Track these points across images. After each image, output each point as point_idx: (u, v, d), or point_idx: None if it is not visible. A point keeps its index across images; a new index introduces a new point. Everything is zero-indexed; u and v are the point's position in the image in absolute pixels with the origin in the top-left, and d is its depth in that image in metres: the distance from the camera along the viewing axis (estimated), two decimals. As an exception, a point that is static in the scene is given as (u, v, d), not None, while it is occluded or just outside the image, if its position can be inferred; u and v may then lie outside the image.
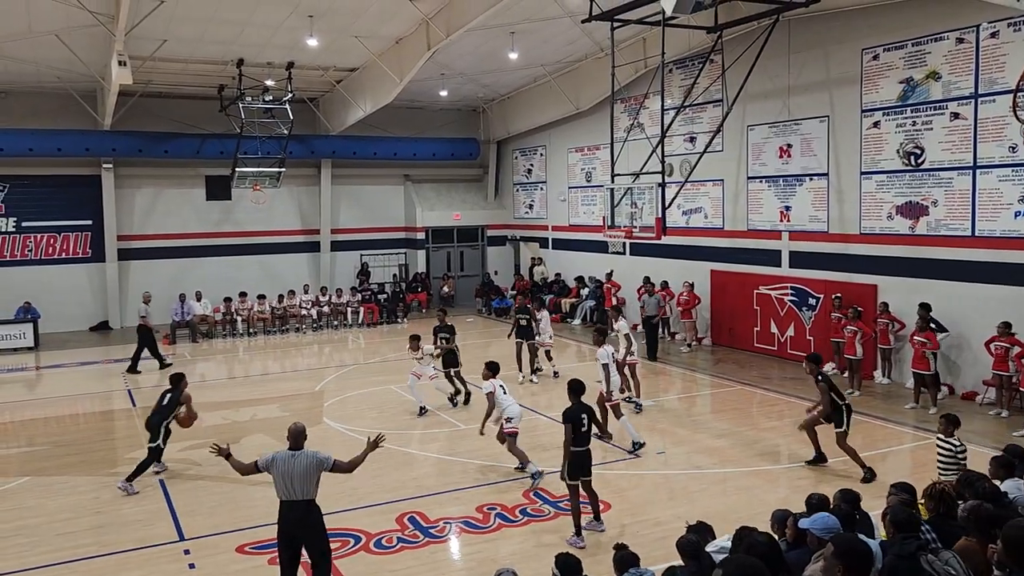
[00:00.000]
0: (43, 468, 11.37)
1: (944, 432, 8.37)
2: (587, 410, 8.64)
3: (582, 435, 8.46)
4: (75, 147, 22.31)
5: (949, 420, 8.39)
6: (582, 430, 8.45)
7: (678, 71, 19.99)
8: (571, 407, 8.56)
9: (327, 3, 16.56)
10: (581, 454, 8.47)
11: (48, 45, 17.69)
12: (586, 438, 8.51)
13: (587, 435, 8.53)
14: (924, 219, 14.79)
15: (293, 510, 6.80)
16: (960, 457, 8.13)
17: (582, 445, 8.48)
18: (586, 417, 8.52)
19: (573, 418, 8.42)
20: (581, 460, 8.46)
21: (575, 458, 8.41)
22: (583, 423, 8.46)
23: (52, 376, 18.19)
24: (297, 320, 23.43)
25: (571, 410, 8.51)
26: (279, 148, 22.76)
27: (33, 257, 23.03)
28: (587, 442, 8.53)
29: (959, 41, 14.00)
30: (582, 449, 8.48)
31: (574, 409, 8.53)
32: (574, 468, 8.42)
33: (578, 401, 8.67)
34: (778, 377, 16.13)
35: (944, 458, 8.25)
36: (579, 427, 8.43)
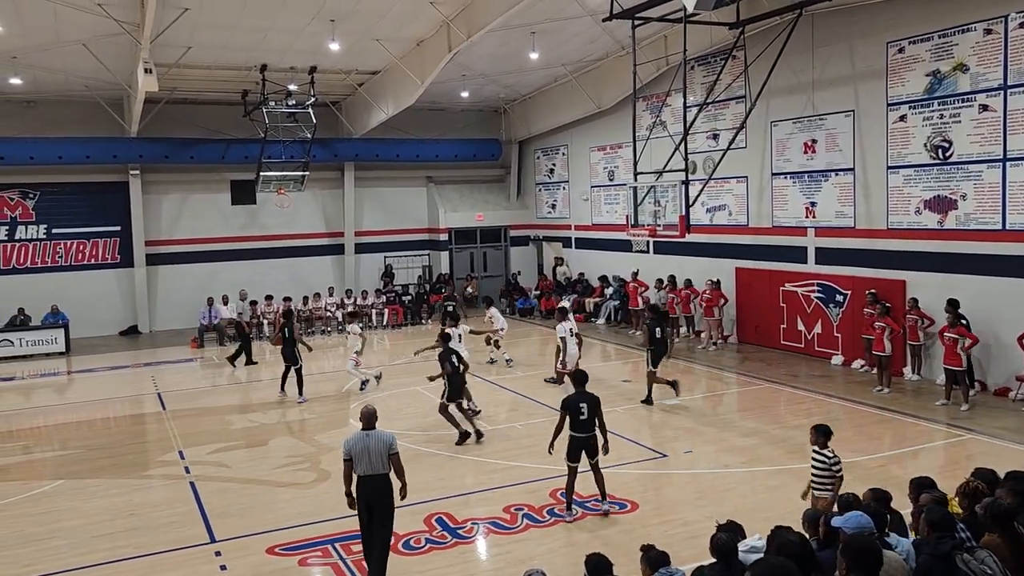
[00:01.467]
0: (76, 471, 11.55)
1: (816, 443, 7.79)
2: (589, 399, 9.10)
3: (581, 423, 9.02)
4: (103, 154, 22.65)
5: (820, 431, 7.80)
6: (581, 418, 9.01)
7: (700, 68, 19.88)
8: (571, 395, 9.22)
9: (349, 7, 16.66)
10: (580, 440, 9.04)
11: (75, 54, 17.98)
12: (586, 425, 9.03)
13: (587, 423, 9.03)
14: (953, 213, 14.59)
15: (371, 483, 7.49)
16: (835, 470, 7.61)
17: (581, 432, 9.03)
18: (585, 406, 9.03)
19: (570, 406, 9.06)
20: (580, 445, 9.05)
21: (572, 442, 9.05)
22: (582, 411, 9.01)
23: (84, 380, 18.48)
24: (322, 322, 23.59)
25: (570, 398, 9.16)
26: (303, 152, 22.93)
27: (63, 263, 23.41)
28: (588, 429, 9.04)
29: (987, 32, 13.79)
30: (581, 435, 9.04)
31: (573, 397, 9.14)
32: (571, 452, 9.07)
33: (580, 391, 9.23)
34: (805, 375, 15.99)
35: (818, 471, 7.70)
36: (577, 415, 9.01)
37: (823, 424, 7.87)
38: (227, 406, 15.31)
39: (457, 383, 12.30)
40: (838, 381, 15.43)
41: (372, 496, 7.49)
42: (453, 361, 12.28)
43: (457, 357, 12.51)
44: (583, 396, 9.18)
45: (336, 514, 9.35)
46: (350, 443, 7.56)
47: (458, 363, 12.40)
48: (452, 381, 12.17)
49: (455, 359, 12.38)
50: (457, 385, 12.29)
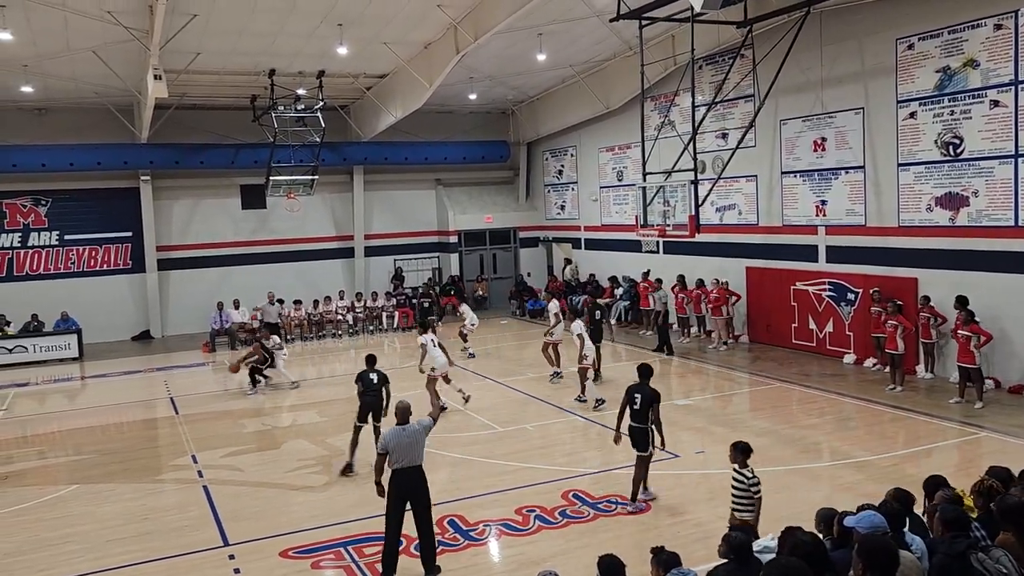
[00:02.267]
0: (91, 476, 11.61)
1: (735, 462, 7.43)
2: (644, 392, 9.29)
3: (634, 412, 9.27)
4: (114, 160, 22.81)
5: (738, 449, 7.44)
6: (633, 407, 9.28)
7: (708, 67, 19.83)
8: (633, 384, 9.47)
9: (356, 11, 16.72)
10: (632, 429, 9.32)
11: (86, 62, 18.10)
12: (638, 416, 9.25)
13: (639, 413, 9.24)
14: (965, 210, 14.49)
15: (409, 476, 7.69)
16: (754, 491, 7.28)
17: (633, 421, 9.32)
18: (639, 397, 9.24)
19: (629, 394, 9.37)
20: (632, 435, 9.32)
21: (629, 432, 9.35)
22: (635, 401, 9.26)
23: (97, 386, 18.58)
24: (333, 325, 23.66)
25: (632, 386, 9.45)
26: (312, 156, 23.01)
27: (76, 269, 23.57)
28: (639, 420, 9.27)
29: (997, 27, 13.70)
30: (633, 425, 9.32)
31: (634, 387, 9.42)
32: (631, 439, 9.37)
33: (643, 383, 9.42)
34: (817, 374, 15.92)
35: (737, 491, 7.37)
36: (631, 404, 9.29)
37: (741, 441, 7.51)
38: (239, 410, 15.37)
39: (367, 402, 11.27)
40: (850, 380, 15.35)
41: (410, 487, 7.69)
42: (371, 380, 11.32)
43: (380, 377, 11.39)
44: (640, 388, 9.41)
45: (349, 517, 9.40)
46: (388, 437, 7.74)
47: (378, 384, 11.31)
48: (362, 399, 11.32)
49: (374, 378, 11.35)
50: (367, 404, 11.26)
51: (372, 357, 11.77)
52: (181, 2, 14.64)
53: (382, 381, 11.35)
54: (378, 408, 11.28)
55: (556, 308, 16.72)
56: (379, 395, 11.26)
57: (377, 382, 11.30)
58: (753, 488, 7.28)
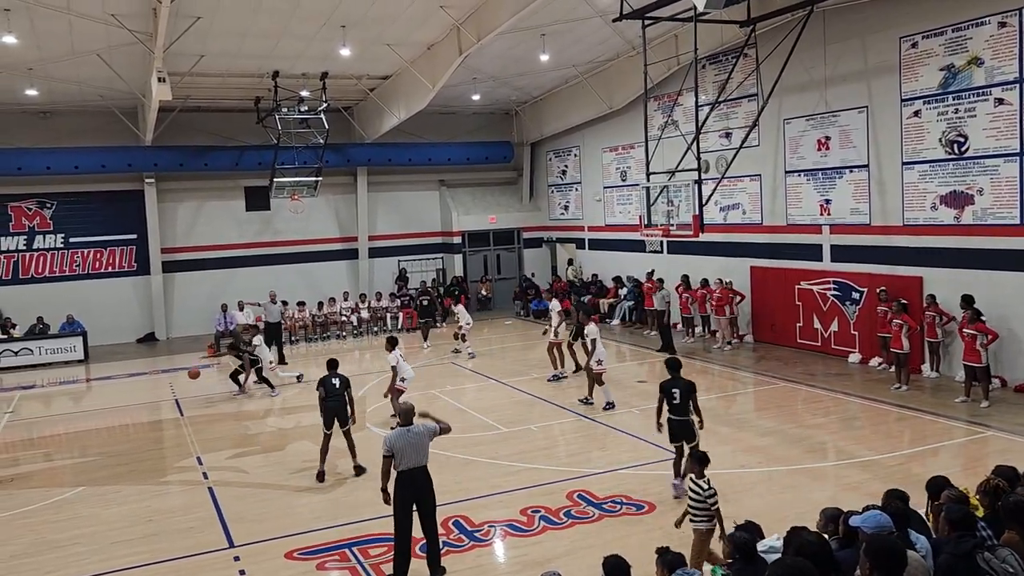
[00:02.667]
0: (96, 478, 11.64)
1: (692, 472, 7.25)
2: (681, 384, 9.58)
3: (674, 406, 9.54)
4: (118, 163, 22.86)
5: (696, 459, 7.27)
6: (674, 402, 9.55)
7: (711, 67, 19.81)
8: (666, 380, 9.74)
9: (359, 13, 16.73)
10: (674, 422, 9.58)
11: (90, 65, 18.15)
12: (680, 409, 9.54)
13: (681, 407, 9.52)
14: (970, 208, 14.45)
15: (415, 476, 7.71)
16: (711, 503, 7.06)
17: (675, 415, 9.57)
18: (678, 391, 9.53)
19: (665, 390, 9.63)
20: (671, 428, 9.61)
21: (669, 425, 9.64)
22: (674, 396, 9.53)
23: (102, 388, 18.62)
24: (338, 327, 23.69)
25: (665, 382, 9.71)
26: (315, 157, 23.04)
27: (81, 272, 23.63)
28: (681, 413, 9.54)
29: (1001, 25, 13.66)
30: (675, 419, 9.57)
31: (668, 382, 9.69)
32: (670, 434, 9.64)
33: (675, 376, 9.73)
34: (822, 373, 15.88)
35: (694, 502, 7.15)
36: (671, 399, 9.56)
37: (699, 451, 7.41)
38: (244, 411, 15.40)
39: (330, 407, 11.04)
40: (856, 379, 15.32)
41: (417, 488, 7.71)
42: (333, 384, 11.13)
43: (342, 382, 11.18)
44: (675, 381, 9.65)
45: (354, 518, 9.40)
46: (392, 438, 7.72)
47: (340, 388, 11.11)
48: (324, 405, 11.08)
49: (336, 383, 11.14)
50: (330, 409, 11.05)
51: (334, 361, 11.55)
52: (184, 5, 14.66)
53: (344, 385, 11.16)
54: (342, 412, 11.09)
55: (558, 307, 16.82)
56: (341, 399, 11.09)
57: (339, 386, 11.13)
58: (710, 500, 7.09)
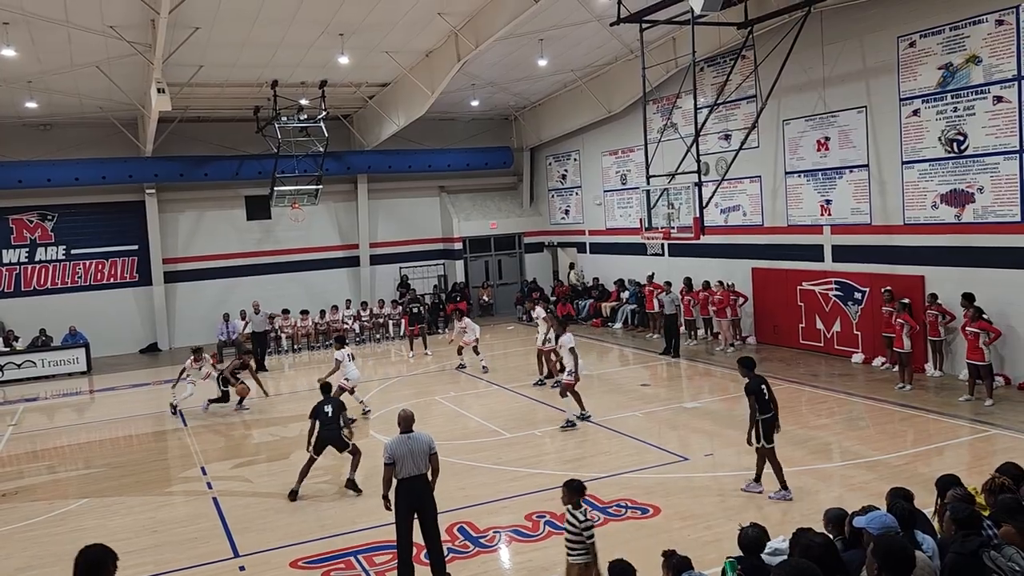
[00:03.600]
0: (101, 489, 11.63)
1: (570, 502, 6.74)
2: (764, 381, 9.57)
3: (765, 403, 9.43)
4: (119, 174, 22.91)
5: (571, 488, 6.75)
6: (765, 399, 9.45)
7: (710, 69, 19.83)
8: (751, 381, 9.53)
9: (357, 21, 16.77)
10: (768, 420, 9.44)
11: (89, 77, 18.19)
12: (770, 406, 9.47)
13: (772, 403, 9.48)
14: (970, 206, 14.44)
15: (415, 484, 7.66)
16: (586, 535, 6.59)
17: (767, 413, 9.44)
18: (765, 387, 9.50)
19: (755, 390, 9.44)
20: (764, 426, 9.43)
21: (765, 424, 9.40)
22: (764, 393, 9.45)
23: (105, 399, 18.63)
24: (340, 334, 23.64)
25: (751, 383, 9.50)
26: (315, 166, 23.07)
27: (83, 283, 23.66)
28: (771, 409, 9.47)
29: (999, 23, 13.66)
30: (768, 416, 9.45)
31: (754, 383, 9.50)
32: (767, 431, 9.41)
33: (755, 375, 9.59)
34: (825, 374, 15.86)
35: (569, 534, 6.68)
36: (762, 397, 9.44)
37: (575, 479, 6.89)
38: (247, 421, 15.39)
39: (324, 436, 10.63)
40: (859, 379, 15.29)
41: (416, 496, 7.68)
42: (326, 412, 10.62)
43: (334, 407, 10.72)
44: (762, 379, 9.59)
45: (359, 525, 9.39)
46: (392, 446, 7.67)
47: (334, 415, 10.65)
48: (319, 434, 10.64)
49: (329, 410, 10.65)
50: (323, 438, 10.63)
51: (327, 386, 11.37)
52: (183, 16, 14.70)
53: (337, 410, 10.77)
54: (337, 440, 10.74)
55: (543, 315, 16.84)
56: (336, 427, 10.71)
57: (332, 413, 10.68)
58: (585, 532, 6.61)
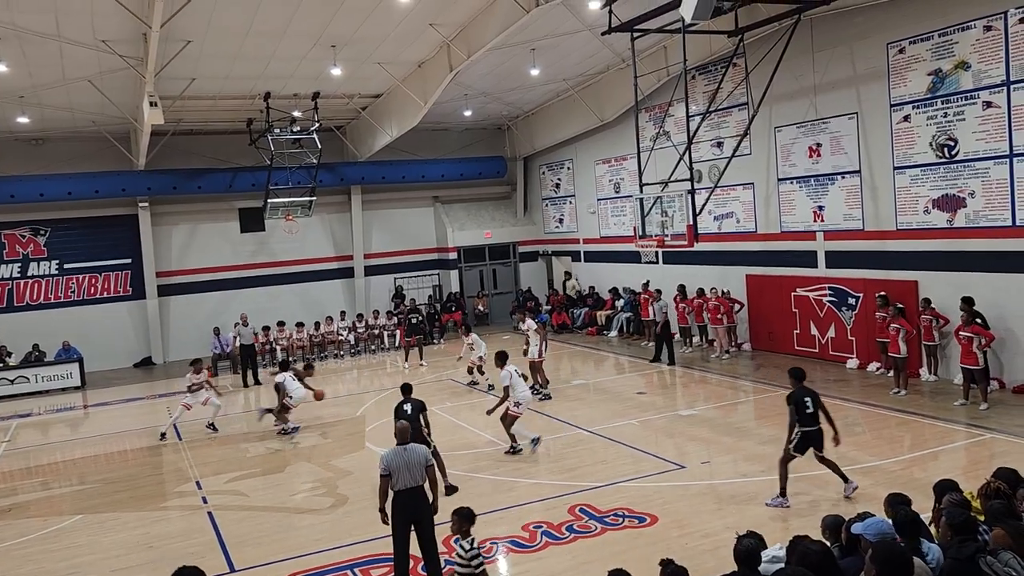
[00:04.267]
0: (95, 505, 11.56)
1: (458, 531, 6.67)
2: (810, 394, 9.49)
3: (807, 416, 9.37)
4: (112, 188, 22.87)
5: (462, 515, 6.67)
6: (807, 412, 9.38)
7: (701, 77, 19.91)
8: (795, 391, 9.52)
9: (349, 33, 16.81)
10: (808, 433, 9.39)
11: (81, 91, 18.19)
12: (813, 419, 9.39)
13: (813, 416, 9.38)
14: (962, 211, 14.50)
15: (413, 495, 7.60)
16: (474, 564, 6.49)
17: (809, 425, 9.39)
18: (810, 400, 9.41)
19: (797, 400, 9.41)
20: (809, 438, 9.40)
21: (803, 436, 9.39)
22: (807, 405, 9.38)
23: (99, 414, 18.53)
24: (335, 346, 23.62)
25: (795, 393, 9.50)
26: (309, 177, 23.08)
27: (76, 298, 23.59)
28: (815, 422, 9.39)
29: (987, 29, 13.75)
30: (809, 429, 9.40)
31: (798, 393, 9.48)
32: (802, 442, 9.42)
33: (800, 385, 9.55)
34: (821, 379, 15.83)
35: (458, 565, 6.60)
36: (803, 408, 9.37)
37: (465, 508, 6.81)
38: (243, 434, 15.33)
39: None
40: (854, 385, 15.30)
41: (413, 508, 7.64)
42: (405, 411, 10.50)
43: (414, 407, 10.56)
44: (806, 390, 9.52)
45: (355, 539, 9.34)
46: (388, 458, 7.64)
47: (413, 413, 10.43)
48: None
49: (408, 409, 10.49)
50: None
51: (407, 386, 11.11)
52: (175, 29, 14.72)
53: (417, 410, 10.58)
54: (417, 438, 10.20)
55: (533, 327, 16.52)
56: (417, 426, 10.30)
57: (412, 412, 10.50)
58: (474, 562, 6.51)
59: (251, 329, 20.80)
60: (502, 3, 15.71)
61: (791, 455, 9.44)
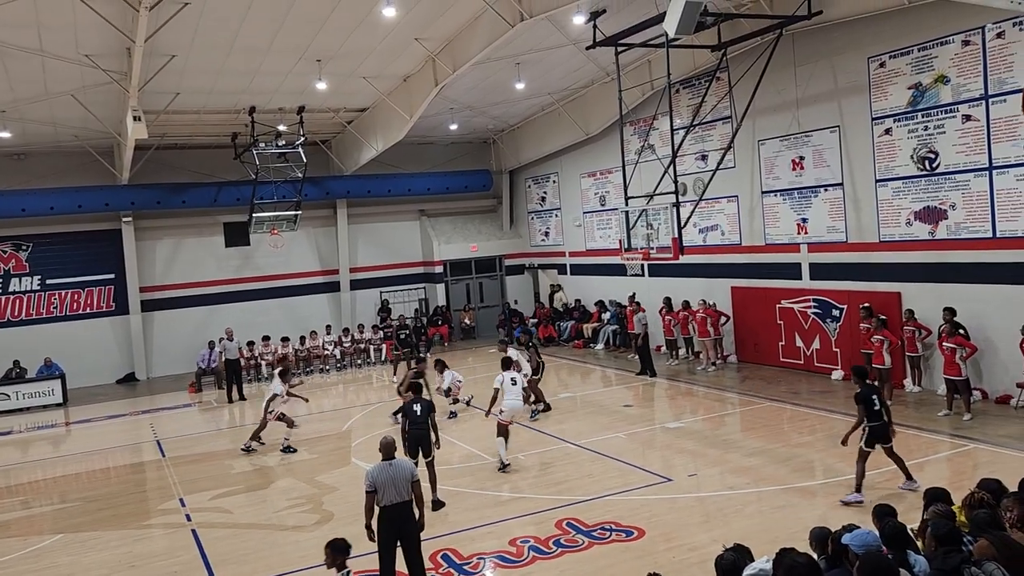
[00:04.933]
0: (77, 524, 11.41)
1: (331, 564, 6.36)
2: (876, 391, 10.11)
3: (874, 413, 9.88)
4: (95, 203, 22.70)
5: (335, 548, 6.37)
6: (874, 408, 9.89)
7: (685, 90, 20.05)
8: (862, 390, 9.99)
9: (334, 47, 16.83)
10: (876, 428, 9.91)
11: (64, 105, 18.10)
12: (879, 414, 9.94)
13: (879, 412, 9.93)
14: (943, 223, 14.64)
15: (398, 511, 7.61)
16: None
17: (876, 420, 9.90)
18: (876, 397, 9.98)
19: (865, 399, 9.89)
20: (878, 432, 9.91)
21: (872, 431, 9.89)
22: (875, 402, 9.90)
23: (82, 431, 18.33)
24: (321, 360, 23.50)
25: (862, 392, 9.96)
26: (294, 191, 23.03)
27: (58, 313, 23.36)
28: (881, 417, 9.95)
29: (965, 43, 13.94)
30: (878, 424, 9.92)
31: (866, 391, 9.97)
32: (871, 438, 9.91)
33: (865, 384, 10.09)
34: (807, 391, 15.93)
35: None
36: (871, 406, 9.88)
37: (339, 539, 6.54)
38: (227, 451, 15.18)
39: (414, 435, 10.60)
40: (839, 396, 15.35)
41: (400, 523, 7.62)
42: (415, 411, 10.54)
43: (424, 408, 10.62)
44: (871, 388, 10.09)
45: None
46: (374, 474, 7.62)
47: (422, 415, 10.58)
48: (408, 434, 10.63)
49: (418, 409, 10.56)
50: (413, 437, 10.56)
51: (418, 385, 11.28)
52: (159, 44, 14.68)
53: (426, 411, 10.63)
54: (426, 441, 10.59)
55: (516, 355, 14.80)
56: (425, 427, 10.59)
57: (421, 413, 10.58)
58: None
59: (236, 344, 20.65)
60: (487, 17, 15.79)
61: (865, 452, 9.88)
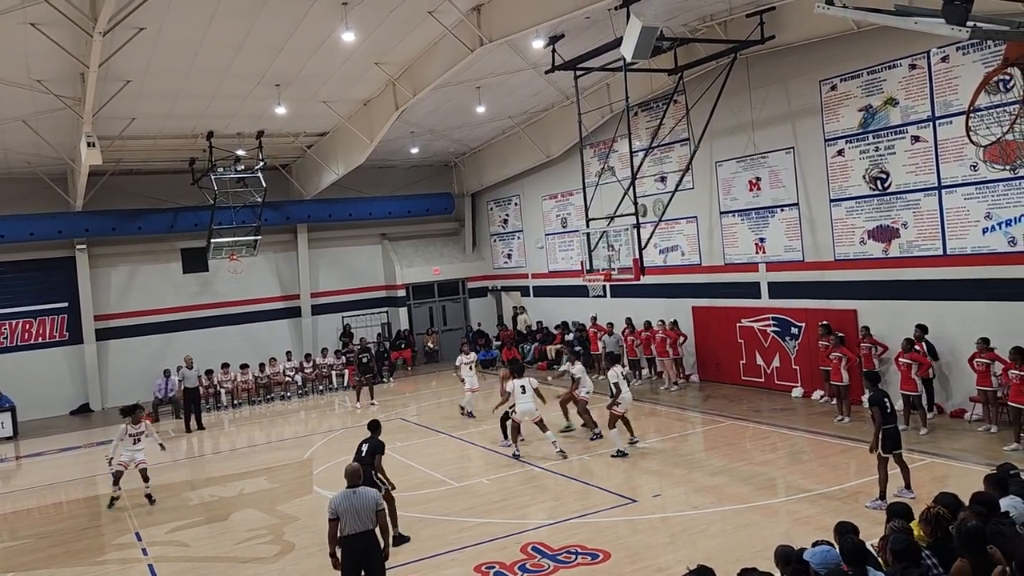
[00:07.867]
0: (28, 562, 11.03)
1: None
2: (887, 395, 10.24)
3: (887, 415, 9.95)
4: (47, 230, 22.20)
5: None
6: (887, 411, 9.99)
7: (644, 113, 20.33)
8: (873, 394, 10.13)
9: (293, 72, 16.76)
10: (890, 431, 9.96)
11: (15, 131, 17.73)
12: (892, 417, 10.05)
13: (892, 415, 10.06)
14: (896, 241, 14.98)
15: (361, 540, 7.52)
16: None
17: (890, 423, 9.98)
18: (888, 400, 10.11)
19: (878, 401, 10.02)
20: (890, 436, 9.95)
21: (885, 435, 9.91)
22: (887, 405, 10.04)
23: (32, 465, 17.75)
24: (282, 387, 23.14)
25: (874, 396, 10.09)
26: (254, 216, 22.78)
27: (8, 344, 22.71)
28: (894, 420, 10.07)
29: (912, 67, 14.36)
30: (891, 427, 9.99)
31: (879, 394, 10.12)
32: (888, 443, 9.93)
33: (877, 388, 10.24)
34: (768, 409, 16.09)
35: None
36: (884, 409, 9.98)
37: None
38: (184, 481, 14.85)
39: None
40: (800, 413, 15.55)
41: (363, 552, 7.53)
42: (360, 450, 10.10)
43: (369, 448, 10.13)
44: (883, 392, 10.22)
45: (302, 587, 9.07)
46: (336, 502, 7.55)
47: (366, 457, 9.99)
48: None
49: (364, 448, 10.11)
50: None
51: (374, 423, 10.59)
52: (114, 69, 14.49)
53: (371, 452, 10.09)
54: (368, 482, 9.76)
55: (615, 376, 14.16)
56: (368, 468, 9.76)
57: (365, 455, 10.02)
58: None
59: (196, 372, 20.28)
60: (447, 42, 15.87)
61: (884, 457, 9.96)
